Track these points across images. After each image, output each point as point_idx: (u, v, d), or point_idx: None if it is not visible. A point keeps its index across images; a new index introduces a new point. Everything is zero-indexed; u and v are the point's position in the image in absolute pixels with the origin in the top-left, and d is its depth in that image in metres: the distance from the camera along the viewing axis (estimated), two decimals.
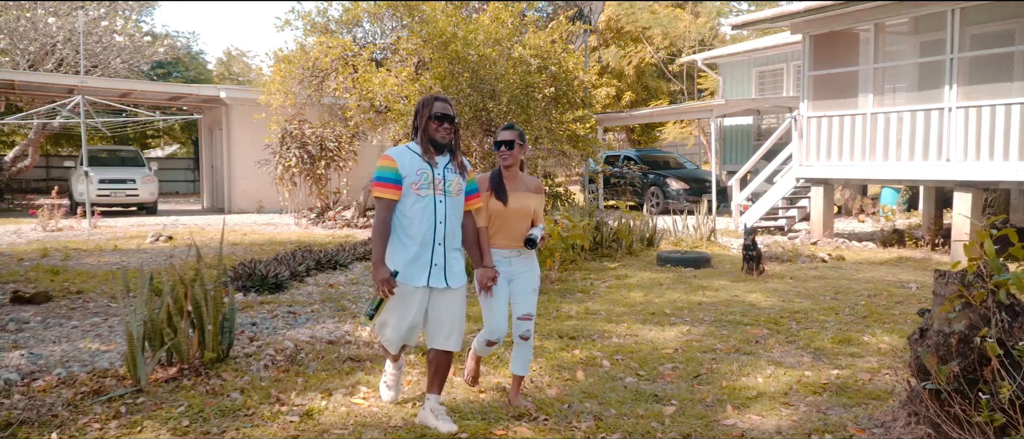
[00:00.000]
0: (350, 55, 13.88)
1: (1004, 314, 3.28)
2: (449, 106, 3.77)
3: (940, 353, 3.30)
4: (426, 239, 3.65)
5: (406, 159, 3.68)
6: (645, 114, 20.17)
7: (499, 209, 3.96)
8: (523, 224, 4.03)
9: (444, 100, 3.78)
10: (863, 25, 11.66)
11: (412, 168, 3.66)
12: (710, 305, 7.03)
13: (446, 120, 3.71)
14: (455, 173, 3.74)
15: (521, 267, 4.06)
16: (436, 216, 3.67)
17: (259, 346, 5.27)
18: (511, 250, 4.01)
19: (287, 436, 3.65)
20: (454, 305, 3.76)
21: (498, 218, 3.97)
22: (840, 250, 11.17)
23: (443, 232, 3.70)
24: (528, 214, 4.04)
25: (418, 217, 3.64)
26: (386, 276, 3.55)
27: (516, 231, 4.00)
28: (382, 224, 3.66)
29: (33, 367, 4.73)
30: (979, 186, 10.20)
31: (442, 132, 3.70)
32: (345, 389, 4.39)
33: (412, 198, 3.64)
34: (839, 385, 4.54)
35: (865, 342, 5.63)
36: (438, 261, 3.69)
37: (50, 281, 7.79)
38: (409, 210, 3.65)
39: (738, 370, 4.87)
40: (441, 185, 3.68)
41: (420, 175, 3.65)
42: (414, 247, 3.64)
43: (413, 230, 3.64)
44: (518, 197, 4.01)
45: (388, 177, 3.64)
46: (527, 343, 4.07)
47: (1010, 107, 9.63)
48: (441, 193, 3.68)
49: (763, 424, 3.90)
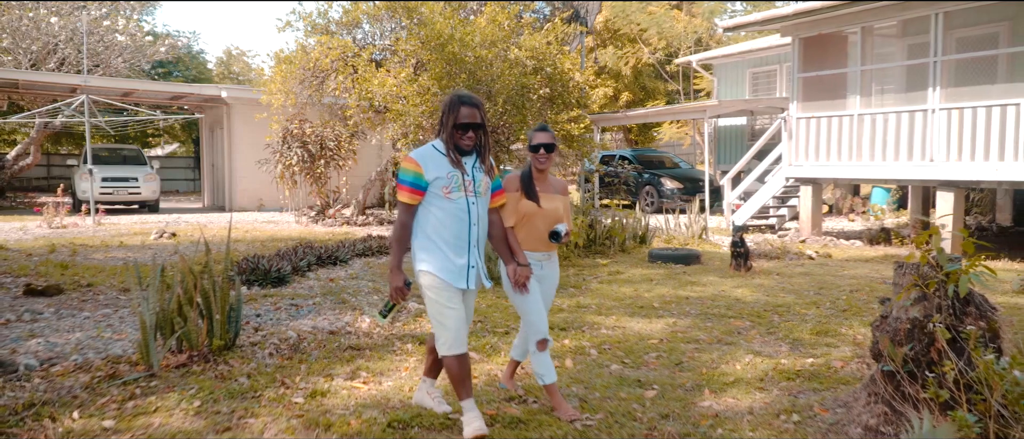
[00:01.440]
0: (350, 56, 14.14)
1: (956, 302, 3.56)
2: (477, 112, 3.57)
3: (896, 338, 3.57)
4: (460, 242, 3.57)
5: (433, 161, 3.54)
6: (640, 114, 20.44)
7: (531, 211, 3.91)
8: (552, 226, 3.99)
9: (472, 104, 3.56)
10: (851, 28, 11.95)
11: (441, 170, 3.53)
12: (697, 299, 7.31)
13: (471, 128, 3.55)
14: (483, 172, 3.65)
15: (549, 270, 4.06)
16: (470, 218, 3.57)
17: (264, 335, 5.53)
18: (541, 253, 3.99)
19: (292, 415, 3.91)
20: (471, 305, 3.77)
21: (528, 220, 3.92)
22: (828, 248, 11.45)
23: (477, 233, 3.62)
24: (558, 216, 4.00)
25: (451, 220, 3.54)
26: (399, 284, 3.55)
27: (545, 233, 3.97)
28: (401, 229, 3.59)
29: (50, 354, 4.99)
30: (961, 186, 10.48)
31: (466, 141, 3.56)
32: (346, 374, 4.65)
33: (442, 201, 3.53)
34: (812, 372, 4.82)
35: (842, 333, 5.90)
36: (474, 263, 3.62)
37: (60, 275, 8.05)
38: (440, 213, 3.54)
39: (718, 358, 5.14)
40: (471, 186, 3.58)
41: (450, 178, 3.52)
42: (449, 251, 3.55)
43: (447, 234, 3.54)
44: (548, 198, 3.98)
45: (410, 181, 3.51)
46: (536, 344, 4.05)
47: (990, 109, 9.91)
48: (472, 194, 3.58)
49: (737, 405, 4.17)
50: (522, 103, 12.56)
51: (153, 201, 18.74)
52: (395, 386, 4.44)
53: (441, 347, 3.60)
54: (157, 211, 18.89)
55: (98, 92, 17.41)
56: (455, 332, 3.56)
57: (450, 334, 3.56)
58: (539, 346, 3.91)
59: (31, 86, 18.83)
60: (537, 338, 3.89)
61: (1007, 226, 14.18)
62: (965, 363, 3.20)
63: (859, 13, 11.33)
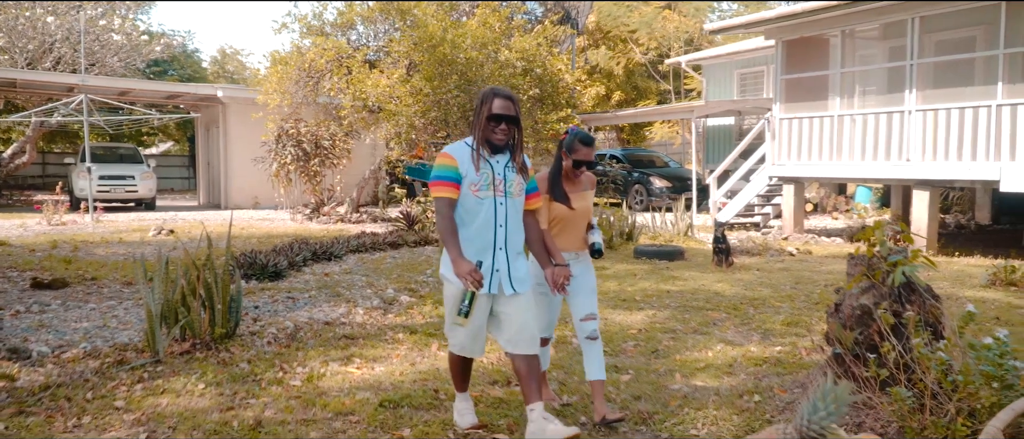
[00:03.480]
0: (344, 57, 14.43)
1: (902, 291, 3.88)
2: (511, 105, 3.45)
3: (846, 324, 3.89)
4: (486, 244, 3.44)
5: (466, 157, 3.44)
6: (630, 114, 20.77)
7: (564, 213, 3.82)
8: (584, 224, 3.93)
9: (506, 96, 3.45)
10: (832, 31, 12.30)
11: (472, 167, 3.43)
12: (677, 293, 7.63)
13: (505, 121, 3.42)
14: (515, 172, 3.50)
15: (579, 269, 3.93)
16: (496, 219, 3.45)
17: (262, 325, 5.83)
18: (570, 253, 3.88)
19: (291, 396, 4.21)
20: (524, 310, 3.50)
21: (560, 222, 3.83)
22: (809, 245, 11.79)
23: (504, 236, 3.47)
24: (588, 213, 3.93)
25: (477, 220, 3.43)
26: (470, 267, 3.27)
27: (578, 233, 3.89)
28: (447, 220, 3.40)
29: (60, 342, 5.27)
30: (935, 185, 10.83)
31: (499, 134, 3.43)
32: (341, 360, 4.96)
33: (471, 200, 3.42)
34: (778, 358, 5.14)
35: (812, 325, 6.22)
36: (500, 266, 3.45)
37: (64, 269, 8.32)
38: (467, 213, 3.44)
39: (692, 346, 5.46)
40: (502, 186, 3.46)
41: (480, 175, 3.42)
42: (473, 252, 3.41)
43: (472, 234, 3.43)
44: (579, 198, 3.88)
45: (447, 175, 3.41)
46: (596, 343, 3.94)
47: (963, 110, 10.27)
48: (501, 194, 3.45)
49: (705, 388, 4.49)
50: None
51: (150, 199, 19.00)
52: (387, 371, 4.74)
53: (451, 346, 3.62)
54: (154, 209, 19.14)
55: (96, 91, 17.65)
56: (467, 340, 3.54)
57: (464, 342, 3.56)
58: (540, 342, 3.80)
59: (29, 85, 19.06)
60: (541, 336, 3.87)
61: (985, 224, 14.56)
62: (903, 346, 3.52)
63: (839, 17, 11.69)
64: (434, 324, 6.05)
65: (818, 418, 1.91)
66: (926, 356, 3.27)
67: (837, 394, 1.92)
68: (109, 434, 3.64)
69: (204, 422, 3.79)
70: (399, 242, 10.99)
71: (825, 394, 1.93)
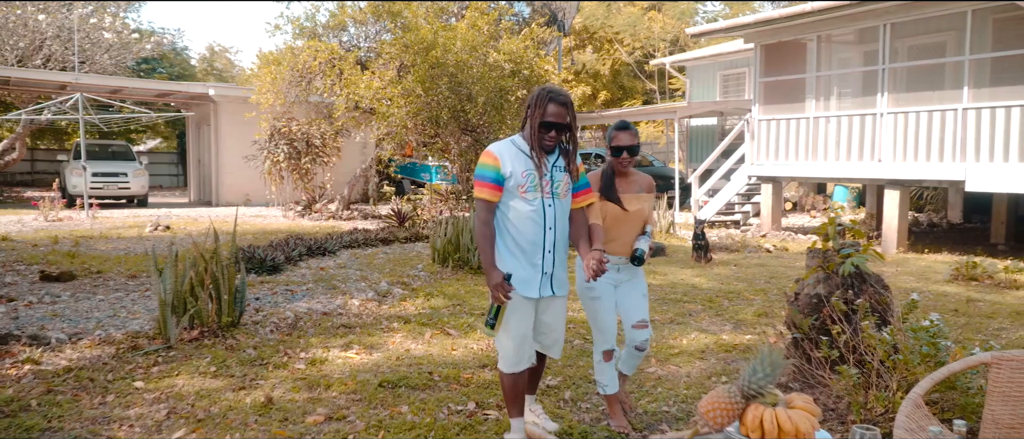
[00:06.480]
0: (337, 59, 14.76)
1: (855, 280, 4.29)
2: (567, 112, 3.29)
3: (804, 311, 4.30)
4: (535, 247, 3.33)
5: (511, 157, 3.31)
6: (614, 114, 21.16)
7: (616, 214, 3.68)
8: (637, 227, 3.75)
9: (562, 101, 3.28)
10: (808, 36, 12.75)
11: (518, 168, 3.29)
12: (657, 287, 8.03)
13: (556, 129, 3.27)
14: (563, 171, 3.38)
15: (627, 274, 3.80)
16: (545, 222, 3.33)
17: (264, 315, 6.18)
18: (619, 257, 3.72)
19: (296, 378, 4.58)
20: (560, 313, 3.53)
21: (612, 224, 3.69)
22: (786, 242, 12.24)
23: (553, 239, 3.36)
24: (643, 216, 3.75)
25: (525, 223, 3.30)
26: (499, 280, 3.18)
27: (630, 236, 3.73)
28: (484, 227, 3.30)
29: (74, 330, 5.61)
30: (905, 184, 11.31)
31: (548, 142, 3.29)
32: (341, 347, 5.32)
33: (518, 201, 3.29)
34: (747, 345, 5.55)
35: (781, 315, 6.63)
36: (549, 269, 3.38)
37: (70, 263, 8.63)
38: (515, 215, 3.31)
39: (668, 335, 5.86)
40: (549, 187, 3.33)
41: (526, 177, 3.29)
42: (522, 256, 3.32)
43: (521, 237, 3.31)
44: (632, 199, 3.73)
45: (488, 176, 3.28)
46: (642, 354, 3.91)
47: (932, 113, 10.74)
48: (549, 196, 3.33)
49: (677, 371, 4.89)
50: (501, 104, 13.26)
51: (142, 196, 19.25)
52: (384, 356, 5.11)
53: (501, 362, 3.44)
54: (146, 205, 19.39)
55: (88, 89, 17.89)
56: (516, 349, 3.38)
57: (511, 350, 3.39)
58: (605, 356, 3.75)
59: (22, 83, 19.24)
60: (604, 348, 3.74)
61: (957, 223, 15.09)
62: (853, 331, 3.93)
63: (814, 23, 12.14)
64: (426, 315, 6.42)
65: (757, 379, 2.28)
66: (872, 336, 3.68)
67: (773, 358, 2.30)
68: (133, 409, 3.99)
69: (219, 399, 4.15)
70: (390, 238, 11.35)
71: (763, 358, 2.31)
